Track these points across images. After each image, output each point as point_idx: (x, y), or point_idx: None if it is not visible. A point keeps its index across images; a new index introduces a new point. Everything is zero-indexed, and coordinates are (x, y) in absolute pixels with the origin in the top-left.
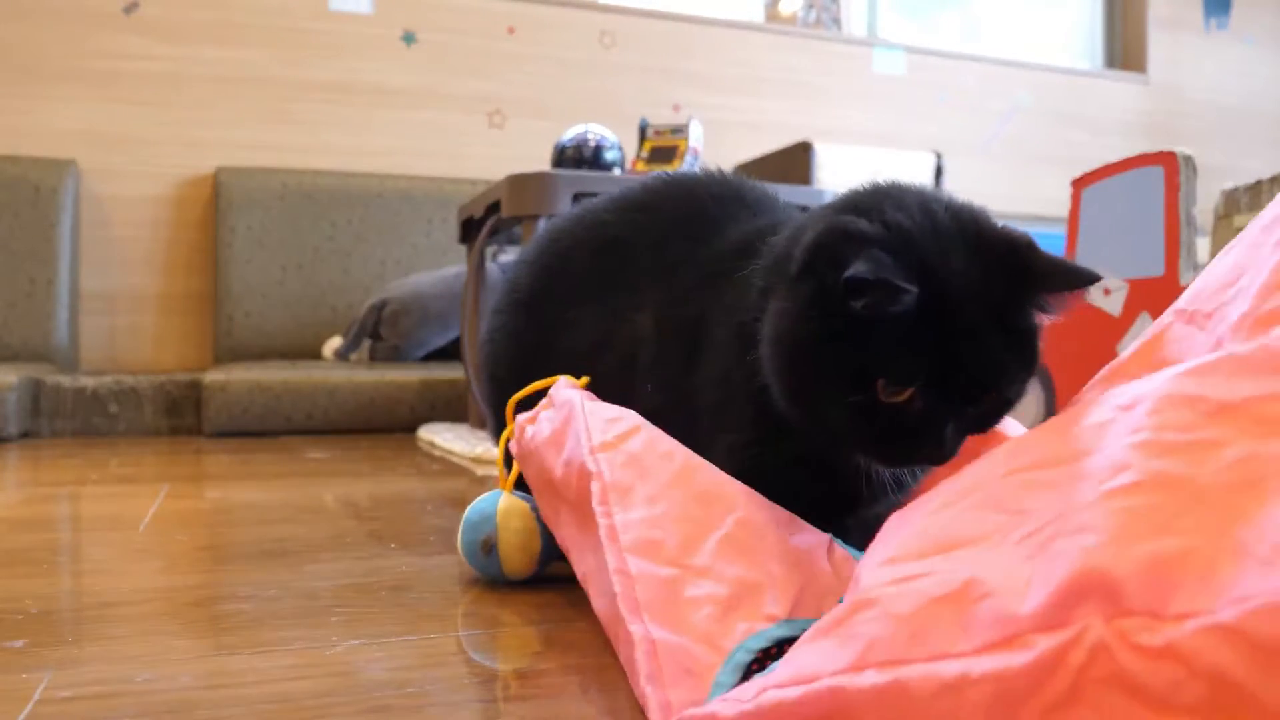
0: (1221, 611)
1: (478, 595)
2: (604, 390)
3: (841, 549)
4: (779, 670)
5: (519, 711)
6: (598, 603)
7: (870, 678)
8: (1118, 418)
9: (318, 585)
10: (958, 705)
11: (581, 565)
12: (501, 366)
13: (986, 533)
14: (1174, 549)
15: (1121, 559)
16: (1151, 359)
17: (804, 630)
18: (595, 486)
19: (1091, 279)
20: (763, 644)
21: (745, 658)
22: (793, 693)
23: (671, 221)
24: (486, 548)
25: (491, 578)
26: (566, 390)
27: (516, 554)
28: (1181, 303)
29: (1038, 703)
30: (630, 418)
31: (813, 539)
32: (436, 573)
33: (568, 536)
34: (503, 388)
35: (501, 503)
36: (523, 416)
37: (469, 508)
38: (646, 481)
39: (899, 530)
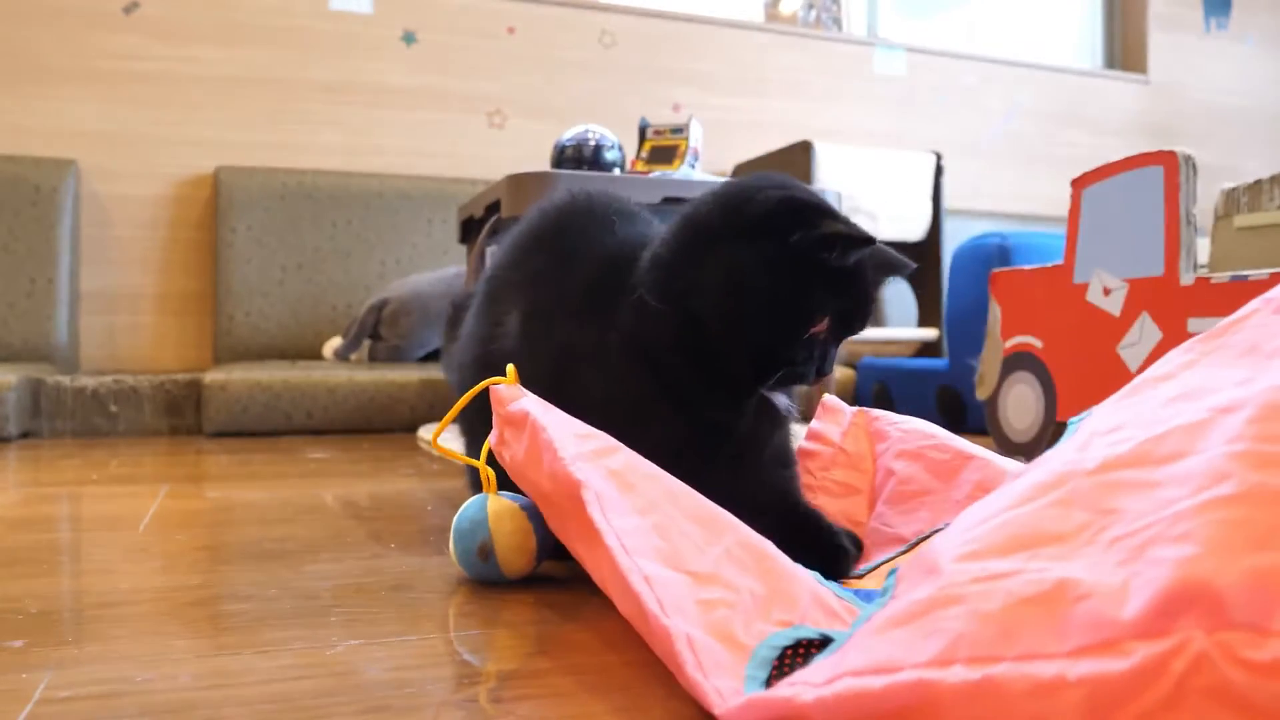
0: None
1: (477, 595)
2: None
3: (824, 585)
4: (852, 657)
5: (519, 711)
6: (621, 605)
7: (959, 673)
8: (1214, 420)
9: (318, 585)
10: (1052, 707)
11: (597, 572)
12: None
13: (1072, 531)
14: (1275, 563)
15: (1223, 571)
16: (1224, 339)
17: (823, 635)
18: (588, 495)
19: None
20: (786, 642)
21: (770, 654)
22: (875, 682)
23: (525, 245)
24: (484, 554)
25: (490, 581)
26: (514, 405)
27: (514, 555)
28: (1272, 294)
29: (1136, 708)
30: (602, 438)
31: (802, 568)
32: (436, 573)
33: (577, 545)
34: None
35: (491, 506)
36: (491, 437)
37: (457, 515)
38: (633, 495)
39: (978, 522)
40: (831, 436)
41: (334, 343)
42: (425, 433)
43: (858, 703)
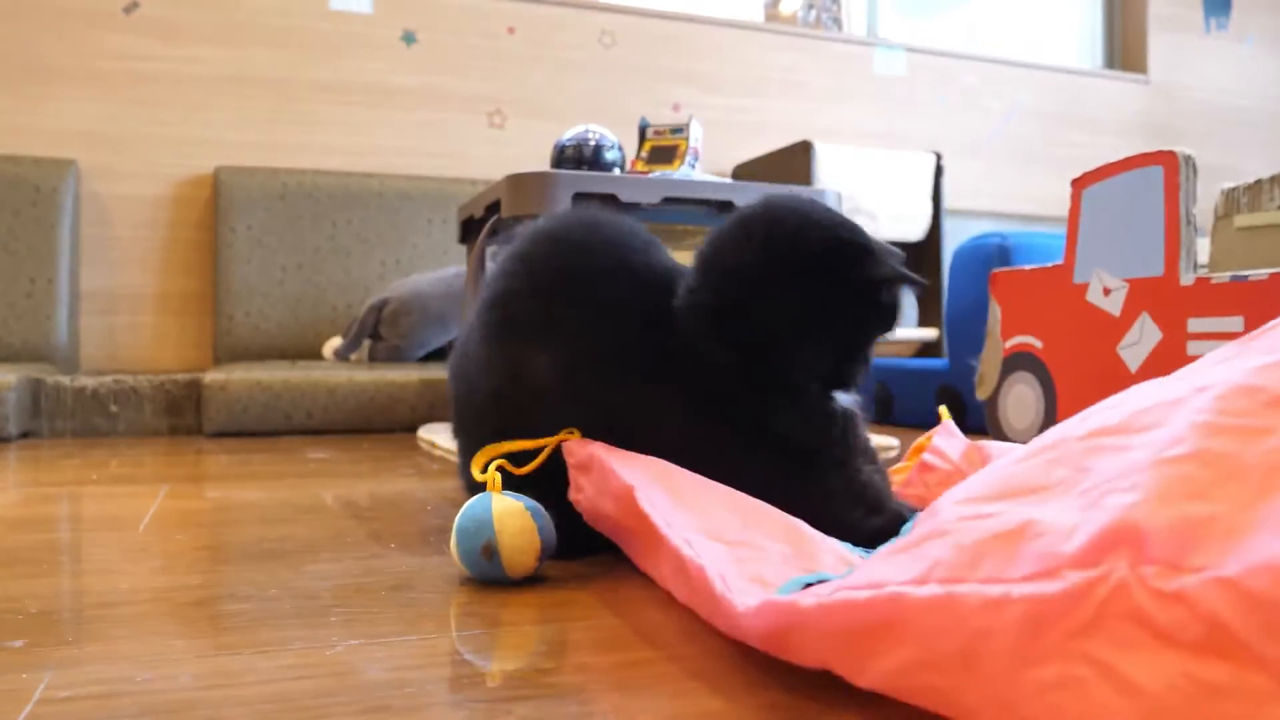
0: (1227, 567)
1: (478, 595)
2: (518, 423)
3: (855, 553)
4: (854, 577)
5: (520, 711)
6: (676, 590)
7: (930, 590)
8: (1190, 397)
9: (318, 585)
10: (997, 620)
11: (666, 584)
12: (454, 383)
13: (1052, 484)
14: (1203, 513)
15: (1155, 516)
16: (1259, 341)
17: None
18: (641, 495)
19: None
20: (812, 580)
21: (794, 587)
22: (862, 595)
23: (550, 271)
24: (488, 553)
25: (493, 581)
26: (581, 450)
27: (518, 554)
28: None
29: (1064, 626)
30: (656, 462)
31: (829, 539)
32: (436, 573)
33: (645, 557)
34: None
35: (495, 505)
36: (571, 492)
37: (460, 515)
38: (680, 495)
39: (986, 475)
40: (952, 455)
41: (334, 343)
42: (425, 433)
43: (846, 611)
